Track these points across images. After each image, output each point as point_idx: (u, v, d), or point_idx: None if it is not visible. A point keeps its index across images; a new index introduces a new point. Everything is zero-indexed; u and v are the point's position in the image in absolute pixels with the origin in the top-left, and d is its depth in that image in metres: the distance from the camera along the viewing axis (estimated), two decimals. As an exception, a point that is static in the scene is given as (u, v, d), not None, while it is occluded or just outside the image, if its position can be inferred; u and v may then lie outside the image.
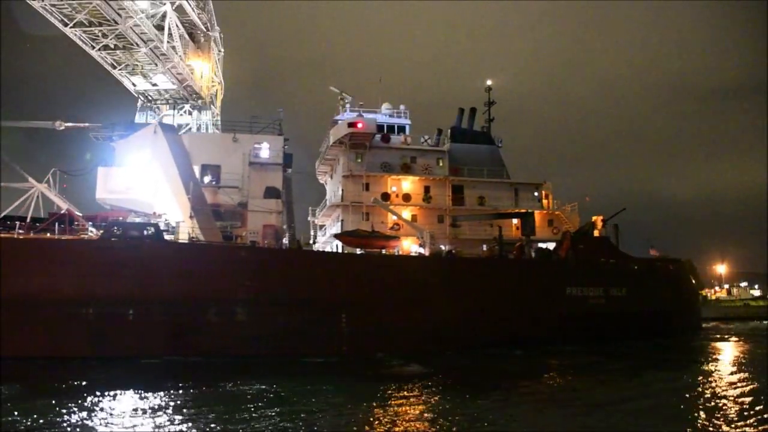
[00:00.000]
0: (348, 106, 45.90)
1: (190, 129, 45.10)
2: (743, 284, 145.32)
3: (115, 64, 40.90)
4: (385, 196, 44.86)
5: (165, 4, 38.96)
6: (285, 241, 40.50)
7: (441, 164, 47.17)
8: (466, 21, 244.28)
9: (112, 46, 38.62)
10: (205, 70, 46.49)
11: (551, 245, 46.09)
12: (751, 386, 25.35)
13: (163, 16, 39.15)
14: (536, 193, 48.72)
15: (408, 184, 46.08)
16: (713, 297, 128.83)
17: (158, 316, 31.52)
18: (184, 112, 46.09)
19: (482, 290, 38.51)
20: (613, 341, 40.28)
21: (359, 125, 43.19)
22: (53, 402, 20.03)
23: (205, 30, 46.63)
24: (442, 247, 43.16)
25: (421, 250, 41.18)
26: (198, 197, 37.03)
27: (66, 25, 36.04)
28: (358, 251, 38.77)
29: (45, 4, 34.31)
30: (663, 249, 51.89)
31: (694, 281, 53.43)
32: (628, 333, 42.55)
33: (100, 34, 37.39)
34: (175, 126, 42.82)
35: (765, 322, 73.41)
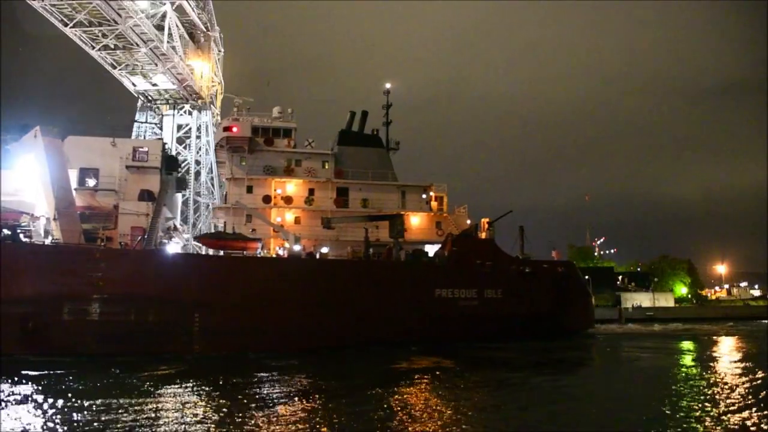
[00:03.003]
0: (235, 110, 47.08)
1: (189, 129, 46.65)
2: (743, 284, 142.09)
3: (115, 64, 42.13)
4: (267, 199, 46.09)
5: (165, 4, 39.81)
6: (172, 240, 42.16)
7: (326, 167, 48.11)
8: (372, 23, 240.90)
9: (112, 46, 39.66)
10: (205, 70, 47.44)
11: (437, 247, 46.59)
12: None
13: (163, 16, 40.05)
14: (424, 195, 49.12)
15: (292, 186, 47.14)
16: (713, 297, 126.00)
17: (12, 315, 33.44)
18: (184, 112, 47.46)
19: (338, 291, 39.36)
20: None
21: (234, 129, 44.52)
22: None
23: (205, 30, 47.50)
24: (324, 250, 44.18)
25: (280, 252, 42.28)
26: (64, 199, 38.91)
27: (66, 25, 37.22)
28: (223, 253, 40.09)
29: (45, 4, 35.47)
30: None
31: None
32: (503, 335, 42.73)
33: (100, 34, 38.34)
34: (55, 130, 44.71)
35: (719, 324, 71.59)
